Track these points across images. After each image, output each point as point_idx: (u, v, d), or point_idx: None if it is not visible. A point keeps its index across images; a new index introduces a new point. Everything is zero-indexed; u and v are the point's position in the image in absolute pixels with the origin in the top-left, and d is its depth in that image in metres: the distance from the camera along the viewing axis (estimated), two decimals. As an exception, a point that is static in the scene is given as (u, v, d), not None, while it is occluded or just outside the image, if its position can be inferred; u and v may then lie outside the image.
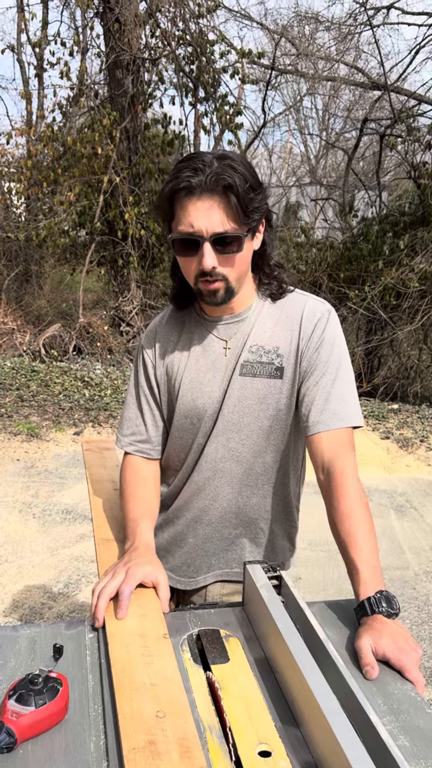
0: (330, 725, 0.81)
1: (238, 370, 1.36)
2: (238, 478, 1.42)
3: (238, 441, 1.39)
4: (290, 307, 1.39)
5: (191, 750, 0.82)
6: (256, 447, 1.40)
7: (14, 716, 0.87)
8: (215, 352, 1.40)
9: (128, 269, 9.27)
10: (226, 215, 1.21)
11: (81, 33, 9.35)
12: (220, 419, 1.39)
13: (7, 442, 5.59)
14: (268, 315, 1.39)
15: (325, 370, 1.33)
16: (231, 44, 9.50)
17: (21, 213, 10.88)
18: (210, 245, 1.23)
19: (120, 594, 1.12)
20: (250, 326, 1.38)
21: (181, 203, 1.22)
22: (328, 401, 1.31)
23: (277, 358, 1.36)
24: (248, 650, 1.09)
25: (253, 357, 1.36)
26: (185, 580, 1.52)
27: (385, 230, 8.78)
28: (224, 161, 1.21)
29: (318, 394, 1.32)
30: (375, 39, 9.59)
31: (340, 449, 1.29)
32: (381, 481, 5.36)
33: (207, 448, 1.41)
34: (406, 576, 3.77)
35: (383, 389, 8.49)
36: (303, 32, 10.91)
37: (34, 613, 3.16)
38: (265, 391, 1.36)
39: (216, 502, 1.44)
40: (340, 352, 1.36)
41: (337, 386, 1.33)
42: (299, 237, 10.95)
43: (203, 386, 1.39)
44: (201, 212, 1.21)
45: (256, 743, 0.88)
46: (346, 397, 1.33)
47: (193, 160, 1.21)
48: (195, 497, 1.45)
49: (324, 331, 1.35)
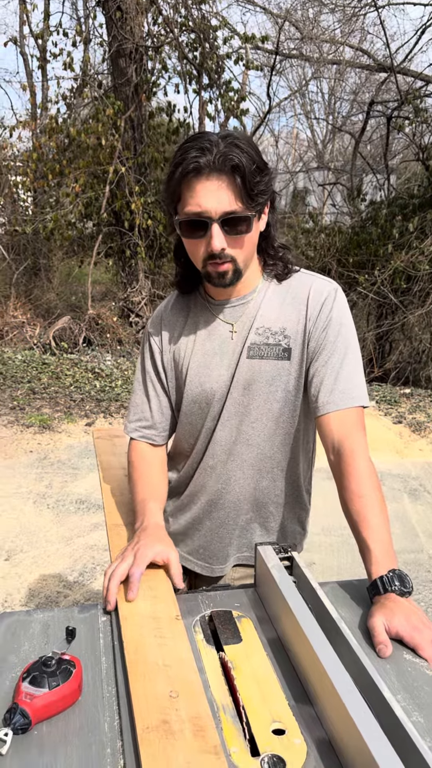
0: (343, 702, 0.81)
1: (245, 352, 1.35)
2: (250, 461, 1.41)
3: (248, 424, 1.39)
4: (297, 287, 1.38)
5: (205, 729, 0.82)
6: (266, 430, 1.39)
7: (28, 698, 0.87)
8: (221, 336, 1.39)
9: (136, 260, 9.25)
10: (234, 195, 1.20)
11: (83, 23, 9.32)
12: (228, 402, 1.38)
13: (19, 434, 5.62)
14: (274, 296, 1.38)
15: (334, 349, 1.32)
16: (234, 30, 9.40)
17: (28, 206, 10.89)
18: (219, 226, 1.21)
19: (130, 577, 1.12)
20: (256, 308, 1.37)
21: (189, 184, 1.21)
22: (338, 381, 1.30)
23: (284, 340, 1.34)
24: (261, 630, 1.09)
25: (260, 339, 1.35)
26: (202, 563, 1.52)
27: (394, 213, 8.70)
28: (230, 140, 1.19)
29: (327, 374, 1.31)
30: (380, 20, 9.48)
31: (350, 429, 1.28)
32: (394, 465, 5.34)
33: (217, 432, 1.40)
34: (421, 559, 3.76)
35: (395, 374, 8.44)
36: (307, 15, 10.79)
37: (50, 602, 3.18)
38: (273, 373, 1.35)
39: (229, 486, 1.44)
40: (347, 332, 1.35)
41: (346, 366, 1.32)
42: (307, 223, 10.88)
43: (210, 370, 1.38)
44: (209, 192, 1.19)
45: (269, 721, 0.88)
46: (354, 377, 1.32)
47: (199, 140, 1.19)
48: (208, 481, 1.45)
49: (331, 310, 1.34)
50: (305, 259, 9.42)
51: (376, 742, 0.75)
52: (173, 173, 1.22)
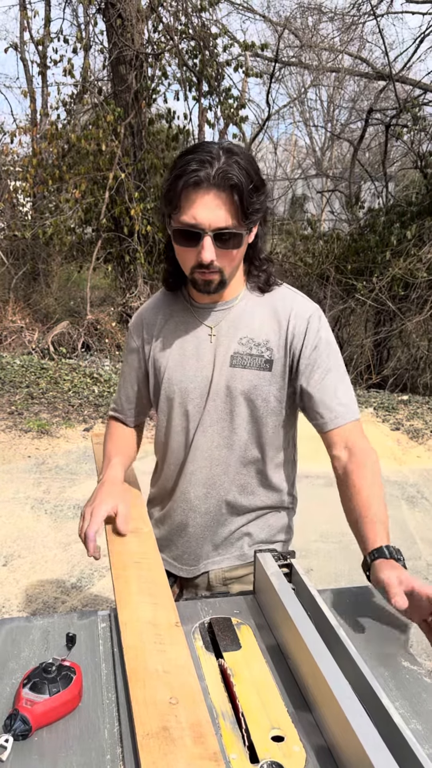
0: (342, 709, 0.81)
1: (228, 361, 1.39)
2: (231, 467, 1.44)
3: (230, 430, 1.42)
4: (280, 302, 1.42)
5: (205, 735, 0.83)
6: (247, 436, 1.42)
7: (29, 704, 0.88)
8: (200, 338, 1.43)
9: (135, 265, 9.27)
10: (229, 213, 1.23)
11: (84, 30, 9.34)
12: (209, 409, 1.41)
13: (18, 439, 5.62)
14: (257, 307, 1.42)
15: (328, 368, 1.38)
16: (234, 37, 9.45)
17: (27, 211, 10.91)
18: (211, 239, 1.25)
19: (87, 536, 1.28)
20: (237, 316, 1.41)
21: (187, 194, 1.23)
22: (337, 397, 1.36)
23: (266, 351, 1.38)
24: (260, 637, 1.10)
25: (244, 349, 1.39)
26: (187, 568, 1.54)
27: (393, 221, 8.73)
28: (231, 157, 1.22)
29: (327, 392, 1.36)
30: (379, 29, 9.58)
31: (357, 438, 1.35)
32: (392, 472, 5.34)
33: (198, 438, 1.44)
34: (418, 566, 3.76)
35: (393, 380, 8.46)
36: (306, 23, 10.86)
37: (48, 608, 3.18)
38: (255, 382, 1.39)
39: (213, 491, 1.46)
40: (335, 351, 1.41)
41: (341, 384, 1.39)
42: (306, 229, 10.91)
43: (186, 370, 1.43)
44: (206, 206, 1.22)
45: (269, 728, 0.89)
46: (349, 393, 1.39)
47: (200, 152, 1.21)
48: (191, 487, 1.48)
49: (319, 330, 1.39)
50: (304, 265, 9.46)
51: (374, 749, 0.76)
52: (173, 183, 1.24)
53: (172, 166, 1.27)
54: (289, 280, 9.42)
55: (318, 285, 9.29)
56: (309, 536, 3.93)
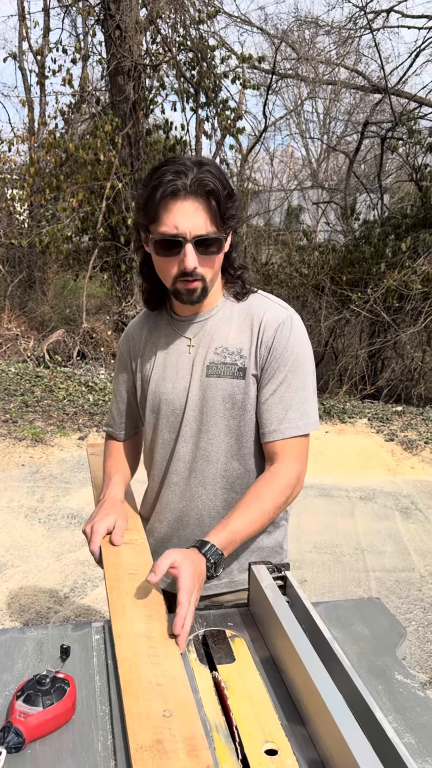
0: (336, 723, 0.81)
1: (204, 371, 1.41)
2: (212, 478, 1.44)
3: (206, 440, 1.43)
4: (253, 310, 1.43)
5: (198, 749, 0.83)
6: (226, 447, 1.43)
7: (22, 716, 0.88)
8: (179, 350, 1.46)
9: (131, 274, 9.28)
10: (208, 219, 1.28)
11: (82, 40, 9.41)
12: (187, 419, 1.43)
13: (12, 448, 5.60)
14: (233, 316, 1.44)
15: (284, 379, 1.37)
16: (231, 49, 9.52)
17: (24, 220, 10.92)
18: (192, 246, 1.28)
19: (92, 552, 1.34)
20: (214, 326, 1.44)
21: (166, 204, 1.27)
22: (288, 410, 1.37)
23: (240, 359, 1.40)
24: (254, 650, 1.10)
25: (218, 358, 1.41)
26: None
27: (387, 233, 8.78)
28: (203, 167, 1.27)
29: (276, 402, 1.37)
30: (375, 42, 9.61)
31: (288, 457, 1.37)
32: (386, 483, 5.35)
33: (179, 449, 1.45)
34: (412, 578, 3.76)
35: (387, 391, 8.48)
36: (303, 36, 10.95)
37: (41, 617, 3.16)
38: (229, 390, 1.40)
39: (193, 503, 1.46)
40: (303, 359, 1.39)
41: (298, 395, 1.38)
42: (301, 240, 10.95)
43: (166, 382, 1.46)
44: (185, 214, 1.26)
45: (262, 742, 0.89)
46: (304, 405, 1.38)
47: (174, 164, 1.27)
48: (173, 498, 1.49)
49: (285, 338, 1.38)
50: (299, 276, 9.49)
51: (368, 763, 0.76)
52: (151, 195, 1.28)
53: (147, 179, 1.31)
54: (284, 290, 9.45)
55: (313, 296, 9.33)
56: (303, 547, 3.92)
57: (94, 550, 1.34)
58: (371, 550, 4.09)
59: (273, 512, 1.32)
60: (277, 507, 1.32)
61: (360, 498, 4.95)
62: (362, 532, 4.33)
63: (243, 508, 1.29)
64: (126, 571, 1.25)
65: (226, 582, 1.49)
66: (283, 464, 1.35)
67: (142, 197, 1.32)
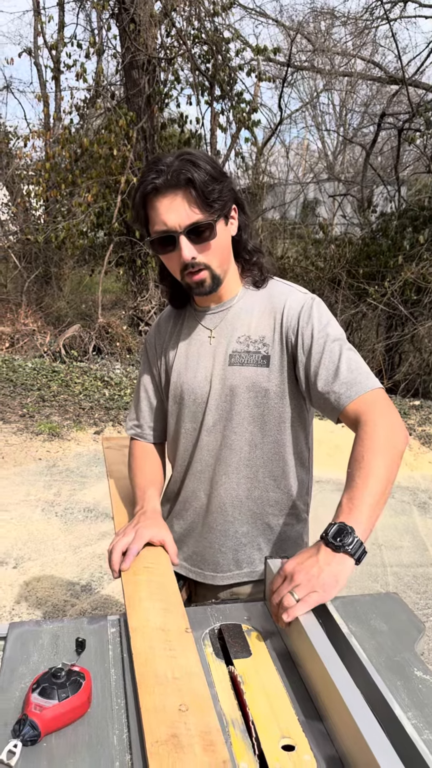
0: (354, 719, 0.80)
1: (227, 360, 1.41)
2: (235, 467, 1.43)
3: (231, 429, 1.42)
4: (274, 297, 1.42)
5: (214, 744, 0.82)
6: (249, 436, 1.42)
7: (38, 709, 0.87)
8: (200, 341, 1.46)
9: (146, 269, 9.30)
10: (190, 206, 1.28)
11: (97, 34, 9.41)
12: (210, 408, 1.43)
13: (29, 442, 5.64)
14: (254, 304, 1.43)
15: (323, 352, 1.30)
16: (246, 42, 9.47)
17: (40, 216, 10.97)
18: (185, 237, 1.29)
19: (128, 551, 1.24)
20: (235, 315, 1.43)
21: (152, 204, 1.30)
22: (338, 376, 1.27)
23: (263, 347, 1.39)
24: (270, 645, 1.09)
25: (241, 347, 1.40)
26: (196, 570, 1.53)
27: (405, 225, 8.70)
28: (182, 158, 1.28)
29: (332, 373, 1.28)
30: (392, 33, 9.51)
31: (367, 409, 1.23)
32: (403, 478, 5.31)
33: (203, 438, 1.45)
34: (430, 573, 3.73)
35: (404, 386, 8.41)
36: (319, 28, 10.86)
37: (57, 610, 3.18)
38: (253, 379, 1.39)
39: (217, 491, 1.45)
40: (334, 332, 1.34)
41: (344, 362, 1.29)
42: (317, 234, 10.89)
43: (188, 372, 1.46)
44: (169, 208, 1.28)
45: (279, 737, 0.88)
46: (358, 367, 1.29)
47: (156, 164, 1.29)
48: (198, 487, 1.49)
49: (311, 318, 1.35)
50: (315, 269, 9.44)
51: (387, 760, 0.74)
52: (137, 198, 1.31)
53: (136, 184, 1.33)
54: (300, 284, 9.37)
55: (329, 289, 9.27)
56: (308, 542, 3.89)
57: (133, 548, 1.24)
58: (388, 544, 4.06)
59: (387, 459, 1.15)
60: (393, 449, 1.16)
61: (377, 492, 4.91)
62: (379, 527, 4.30)
63: (351, 477, 1.13)
64: (142, 564, 1.24)
65: (247, 572, 1.49)
66: (369, 416, 1.20)
67: (131, 201, 1.35)
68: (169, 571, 1.23)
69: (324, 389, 1.29)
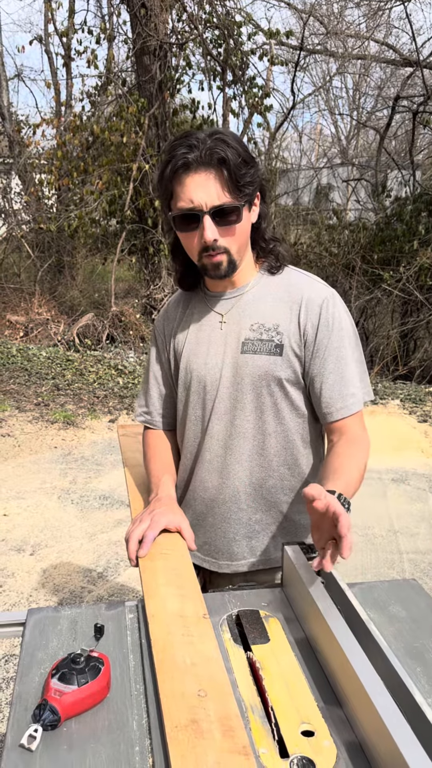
0: (374, 705, 0.80)
1: (239, 347, 1.39)
2: (248, 455, 1.42)
3: (242, 418, 1.41)
4: (293, 286, 1.41)
5: (234, 729, 0.82)
6: (261, 424, 1.41)
7: (57, 694, 0.88)
8: (211, 326, 1.44)
9: (159, 257, 9.26)
10: (222, 187, 1.25)
11: (107, 20, 9.31)
12: (221, 396, 1.41)
13: (44, 430, 5.67)
14: (268, 291, 1.41)
15: (338, 354, 1.36)
16: (258, 25, 9.34)
17: (52, 204, 10.96)
18: (210, 218, 1.27)
19: (145, 538, 1.25)
20: (248, 302, 1.41)
21: (179, 179, 1.26)
22: (350, 385, 1.36)
23: (277, 336, 1.37)
24: (288, 631, 1.08)
25: (254, 335, 1.39)
26: (210, 559, 1.53)
27: (420, 209, 8.59)
28: (216, 136, 1.25)
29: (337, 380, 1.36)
30: (406, 14, 9.42)
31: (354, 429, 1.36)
32: (419, 465, 5.28)
33: (212, 426, 1.44)
34: (446, 560, 3.72)
35: (420, 372, 8.34)
36: (332, 10, 10.69)
37: (75, 597, 3.21)
38: (265, 368, 1.37)
39: (228, 480, 1.44)
40: (350, 336, 1.39)
41: (357, 368, 1.38)
42: (331, 219, 10.80)
43: (198, 358, 1.44)
44: (198, 186, 1.25)
45: (298, 723, 0.88)
46: (363, 377, 1.39)
47: (188, 138, 1.26)
48: (208, 476, 1.47)
49: (332, 315, 1.37)
50: (329, 255, 9.37)
51: (408, 745, 0.74)
52: (164, 171, 1.28)
53: (164, 156, 1.30)
54: (314, 270, 9.33)
55: (343, 275, 9.19)
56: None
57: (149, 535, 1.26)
58: (404, 531, 4.05)
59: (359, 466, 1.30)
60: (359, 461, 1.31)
61: (392, 480, 4.89)
62: (395, 514, 4.28)
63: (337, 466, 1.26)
64: (159, 551, 1.24)
65: (262, 560, 1.48)
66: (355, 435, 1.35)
67: (159, 174, 1.31)
68: (186, 557, 1.23)
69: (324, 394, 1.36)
